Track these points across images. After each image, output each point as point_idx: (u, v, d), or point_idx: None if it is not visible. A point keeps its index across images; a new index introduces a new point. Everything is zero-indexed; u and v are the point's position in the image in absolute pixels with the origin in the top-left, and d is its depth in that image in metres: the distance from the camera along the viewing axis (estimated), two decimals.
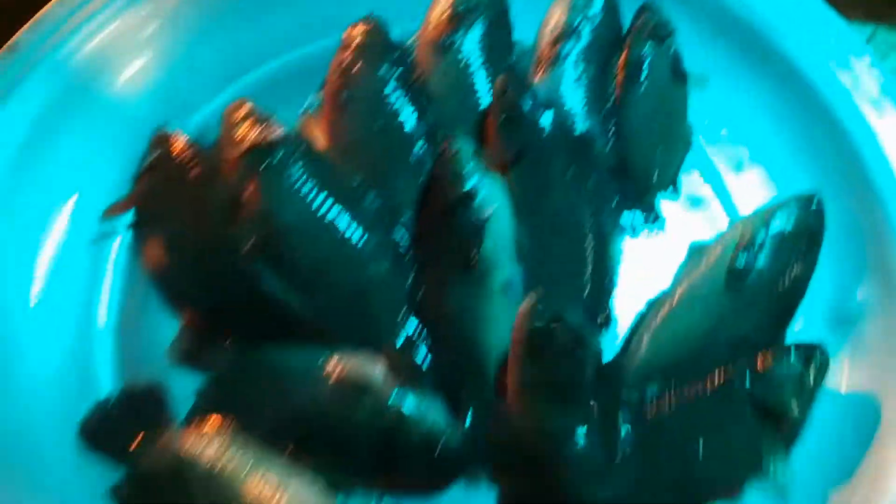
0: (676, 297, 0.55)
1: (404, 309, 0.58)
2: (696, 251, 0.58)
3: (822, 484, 0.49)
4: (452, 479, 0.51)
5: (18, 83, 0.62)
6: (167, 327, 0.60)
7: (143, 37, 0.66)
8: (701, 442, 0.47)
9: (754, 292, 0.54)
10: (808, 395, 0.49)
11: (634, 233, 0.63)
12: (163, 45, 0.67)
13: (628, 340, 0.55)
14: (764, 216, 0.56)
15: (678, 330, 0.54)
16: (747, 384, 0.48)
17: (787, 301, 0.54)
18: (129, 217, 0.63)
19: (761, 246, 0.54)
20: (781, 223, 0.55)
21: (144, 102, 0.66)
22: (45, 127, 0.63)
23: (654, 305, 0.56)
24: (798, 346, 0.50)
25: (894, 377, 0.50)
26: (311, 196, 0.58)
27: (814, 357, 0.49)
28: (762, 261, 0.54)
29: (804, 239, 0.55)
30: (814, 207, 0.56)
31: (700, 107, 0.66)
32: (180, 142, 0.63)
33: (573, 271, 0.58)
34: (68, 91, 0.63)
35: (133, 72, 0.66)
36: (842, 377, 0.53)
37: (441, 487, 0.52)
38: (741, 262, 0.54)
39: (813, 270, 0.55)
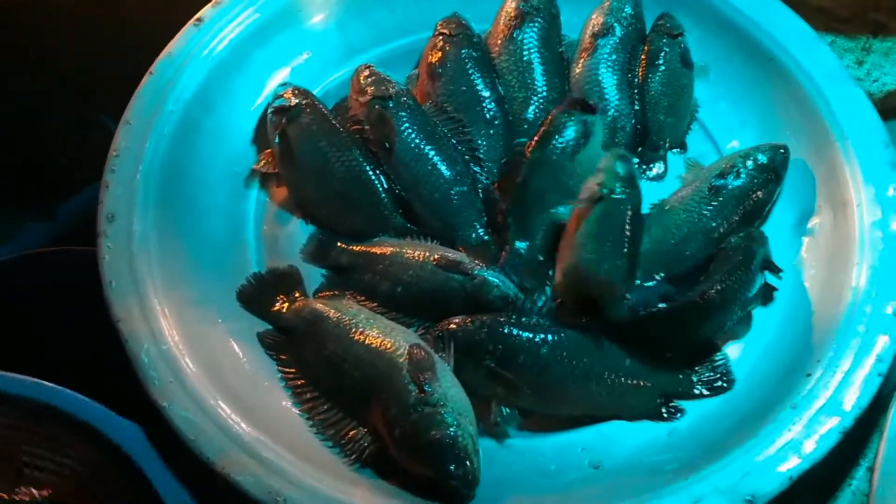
0: (672, 200, 0.77)
1: (477, 217, 0.78)
2: (691, 166, 0.79)
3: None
4: None
5: (198, 53, 0.83)
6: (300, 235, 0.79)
7: (287, 24, 0.87)
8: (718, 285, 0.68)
9: (726, 202, 0.75)
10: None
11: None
12: (302, 32, 0.87)
13: None
14: (745, 152, 0.77)
15: (671, 222, 0.75)
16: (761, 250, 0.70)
17: (749, 211, 0.75)
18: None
19: (738, 172, 0.76)
20: (756, 159, 0.76)
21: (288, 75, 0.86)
22: (219, 82, 0.82)
23: (655, 206, 0.77)
24: None
25: (836, 264, 0.70)
26: (413, 133, 0.78)
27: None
28: (737, 182, 0.75)
29: (770, 172, 0.76)
30: (781, 151, 0.77)
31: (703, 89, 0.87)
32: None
33: None
34: (232, 59, 0.84)
35: (279, 48, 0.87)
36: (800, 256, 0.74)
37: None
38: (720, 180, 0.75)
39: (773, 195, 0.77)
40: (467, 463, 0.60)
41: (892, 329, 0.63)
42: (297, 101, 0.80)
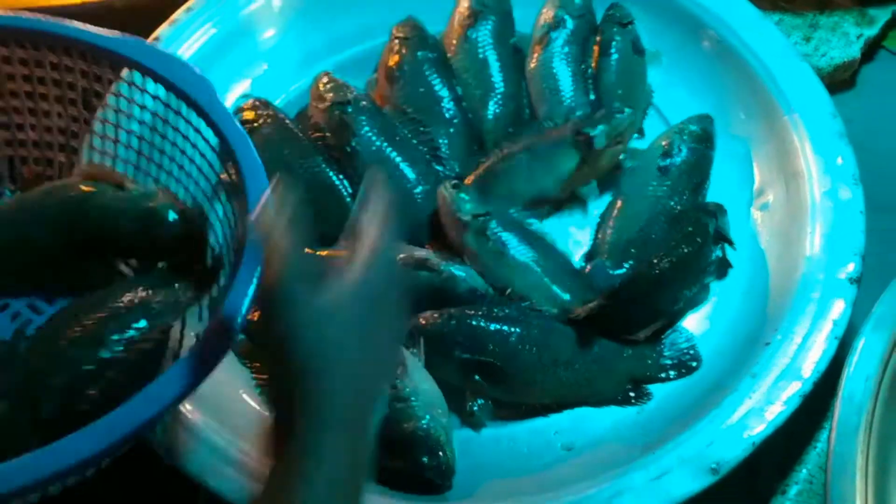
0: (627, 190, 0.78)
1: None
2: (632, 153, 0.81)
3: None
4: None
5: None
6: None
7: (244, 38, 0.88)
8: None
9: (678, 179, 0.77)
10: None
11: None
12: (260, 44, 0.89)
13: (599, 224, 0.78)
14: (677, 128, 0.80)
15: (631, 211, 0.77)
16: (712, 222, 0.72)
17: (698, 180, 0.78)
18: None
19: (679, 147, 0.78)
20: (691, 132, 0.79)
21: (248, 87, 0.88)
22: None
23: (613, 199, 0.79)
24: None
25: (791, 235, 0.72)
26: (374, 136, 0.80)
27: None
28: (680, 157, 0.78)
29: (706, 141, 0.79)
30: (708, 118, 0.80)
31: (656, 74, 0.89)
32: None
33: None
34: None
35: (237, 61, 0.88)
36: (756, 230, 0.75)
37: None
38: (667, 160, 0.78)
39: (711, 159, 0.79)
40: (440, 454, 0.61)
41: (846, 293, 0.65)
42: (257, 112, 0.82)
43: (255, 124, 0.80)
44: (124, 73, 0.63)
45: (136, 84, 0.63)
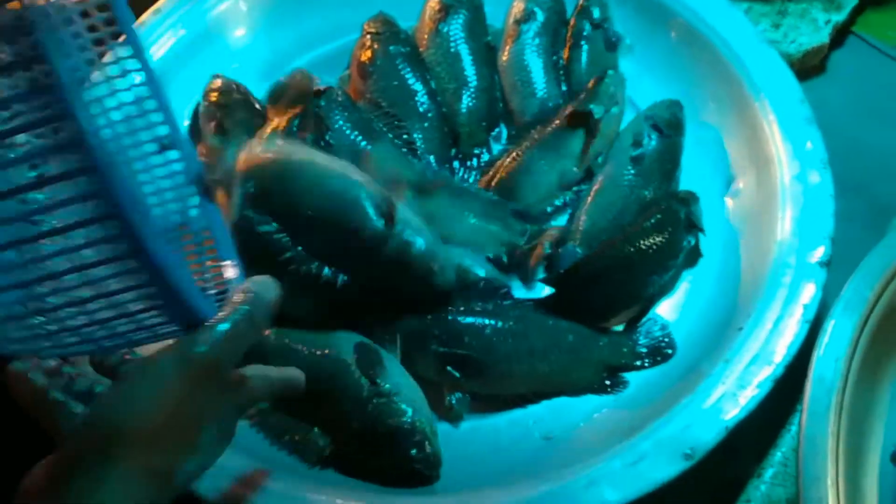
0: (600, 180, 0.79)
1: None
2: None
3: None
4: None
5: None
6: None
7: (223, 34, 0.90)
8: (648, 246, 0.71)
9: (649, 166, 0.78)
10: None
11: None
12: (230, 45, 0.90)
13: (572, 213, 0.79)
14: (645, 115, 0.81)
15: (605, 201, 0.77)
16: (682, 209, 0.73)
17: (669, 167, 0.79)
18: None
19: (650, 136, 0.79)
20: (662, 118, 0.80)
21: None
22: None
23: (588, 188, 0.79)
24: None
25: (762, 221, 0.72)
26: (347, 128, 0.79)
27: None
28: (652, 145, 0.79)
29: (677, 127, 0.80)
30: (677, 104, 0.81)
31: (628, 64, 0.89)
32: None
33: None
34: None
35: (208, 62, 0.88)
36: (728, 217, 0.76)
37: None
38: (639, 149, 0.78)
39: (682, 146, 0.80)
40: (427, 446, 0.62)
41: (817, 277, 0.66)
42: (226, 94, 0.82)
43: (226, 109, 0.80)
44: None
45: None
